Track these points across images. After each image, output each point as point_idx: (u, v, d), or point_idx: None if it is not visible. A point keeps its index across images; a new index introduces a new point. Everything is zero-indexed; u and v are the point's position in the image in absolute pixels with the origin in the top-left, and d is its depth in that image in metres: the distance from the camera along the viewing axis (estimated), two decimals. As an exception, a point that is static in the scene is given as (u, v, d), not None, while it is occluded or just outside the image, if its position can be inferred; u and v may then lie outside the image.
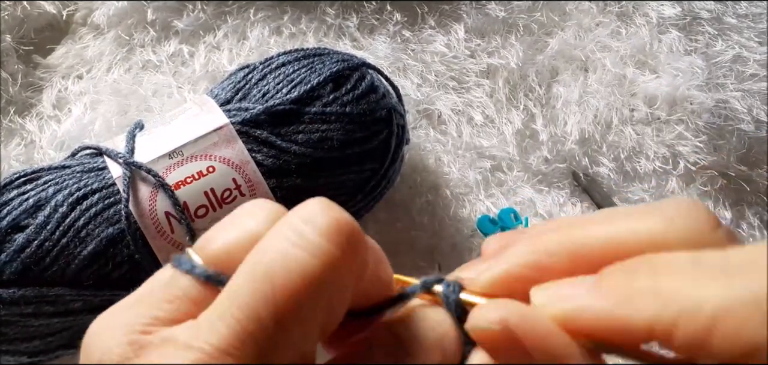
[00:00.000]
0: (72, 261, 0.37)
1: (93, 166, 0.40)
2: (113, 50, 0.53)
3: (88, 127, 0.50)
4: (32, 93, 0.52)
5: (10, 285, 0.36)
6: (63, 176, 0.39)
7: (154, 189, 0.38)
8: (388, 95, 0.44)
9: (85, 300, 0.38)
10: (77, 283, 0.38)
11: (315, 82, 0.41)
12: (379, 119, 0.43)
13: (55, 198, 0.38)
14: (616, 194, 0.50)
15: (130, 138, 0.40)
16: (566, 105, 0.51)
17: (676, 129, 0.50)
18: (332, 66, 0.42)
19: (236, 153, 0.40)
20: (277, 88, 0.41)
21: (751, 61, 0.53)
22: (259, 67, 0.43)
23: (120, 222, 0.38)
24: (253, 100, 0.41)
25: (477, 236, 0.48)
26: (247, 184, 0.40)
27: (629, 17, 0.55)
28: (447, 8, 0.55)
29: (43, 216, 0.37)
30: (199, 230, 0.39)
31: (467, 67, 0.53)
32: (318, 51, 0.44)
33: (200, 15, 0.54)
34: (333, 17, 0.54)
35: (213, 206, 0.39)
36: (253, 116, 0.40)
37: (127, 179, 0.38)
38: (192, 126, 0.40)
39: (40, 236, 0.37)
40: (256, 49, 0.53)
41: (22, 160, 0.49)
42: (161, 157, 0.39)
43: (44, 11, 0.54)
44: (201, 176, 0.39)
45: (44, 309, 0.37)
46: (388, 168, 0.44)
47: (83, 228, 0.38)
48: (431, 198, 0.49)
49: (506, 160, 0.50)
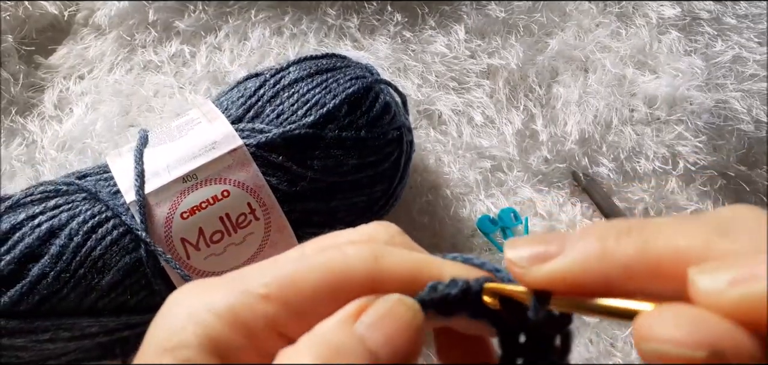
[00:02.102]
0: (90, 292, 0.37)
1: (104, 187, 0.39)
2: (115, 51, 0.53)
3: (90, 127, 0.50)
4: (34, 93, 0.52)
5: (26, 316, 0.36)
6: (75, 200, 0.38)
7: (169, 215, 0.38)
8: (398, 111, 0.44)
9: (101, 325, 0.37)
10: (95, 312, 0.37)
11: (331, 106, 0.40)
12: (391, 140, 0.42)
13: (70, 225, 0.37)
14: (615, 194, 0.50)
15: (138, 157, 0.39)
16: (566, 105, 0.52)
17: (675, 129, 0.50)
18: (347, 86, 0.41)
19: (251, 177, 0.39)
20: (292, 111, 0.40)
21: (751, 62, 0.53)
22: (270, 80, 0.42)
23: (136, 251, 0.37)
24: (267, 120, 0.40)
25: (477, 236, 0.48)
26: (262, 208, 0.39)
27: (629, 18, 0.55)
28: (447, 9, 0.55)
29: (59, 246, 0.36)
30: (214, 255, 0.39)
31: (467, 67, 0.53)
32: (331, 64, 0.43)
33: (201, 16, 0.54)
34: (334, 18, 0.54)
35: (228, 230, 0.38)
36: (268, 140, 0.39)
37: (142, 207, 0.37)
38: (203, 144, 0.39)
39: (56, 267, 0.36)
40: (257, 49, 0.53)
41: (24, 160, 0.49)
42: (175, 181, 0.38)
43: (46, 12, 0.54)
44: (216, 200, 0.38)
45: (61, 335, 0.37)
46: (397, 186, 0.44)
47: (100, 259, 0.37)
48: (431, 198, 0.49)
49: (506, 160, 0.50)
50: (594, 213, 0.49)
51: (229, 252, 0.39)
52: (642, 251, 0.18)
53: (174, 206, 0.38)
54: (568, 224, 0.48)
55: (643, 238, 0.18)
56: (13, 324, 0.36)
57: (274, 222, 0.39)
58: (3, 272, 0.36)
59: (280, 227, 0.40)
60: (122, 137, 0.49)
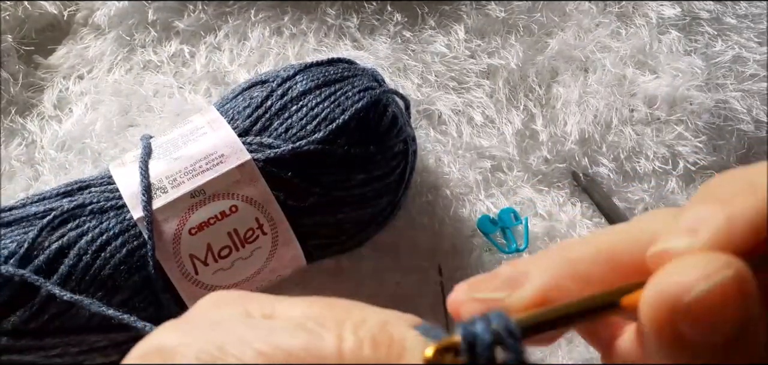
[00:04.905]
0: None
1: (109, 200, 0.38)
2: (114, 50, 0.53)
3: (89, 127, 0.50)
4: (33, 93, 0.52)
5: (36, 334, 0.36)
6: (81, 215, 0.38)
7: (178, 232, 0.37)
8: (404, 122, 0.43)
9: (110, 340, 0.37)
10: (104, 328, 0.37)
11: (340, 121, 0.39)
12: (398, 153, 0.42)
13: (79, 244, 0.37)
14: (615, 195, 0.50)
15: (143, 169, 0.38)
16: (566, 105, 0.51)
17: (675, 129, 0.50)
18: (356, 99, 0.40)
19: (259, 192, 0.38)
20: (301, 125, 0.40)
21: (751, 62, 0.53)
22: (278, 91, 0.41)
23: (145, 268, 0.37)
24: (275, 134, 0.40)
25: (477, 236, 0.48)
26: (269, 222, 0.39)
27: (629, 18, 0.55)
28: (447, 9, 0.55)
29: (68, 266, 0.36)
30: (222, 270, 0.39)
31: (467, 67, 0.53)
32: (338, 74, 0.42)
33: (201, 15, 0.54)
34: (333, 18, 0.54)
35: (236, 246, 0.38)
36: (277, 156, 0.39)
37: (150, 223, 0.37)
38: (210, 156, 0.39)
39: (66, 287, 0.36)
40: (257, 49, 0.53)
41: (23, 160, 0.49)
42: (183, 196, 0.38)
43: (45, 11, 0.54)
44: (224, 216, 0.38)
45: (70, 350, 0.37)
46: (401, 196, 0.44)
47: (109, 278, 0.36)
48: (431, 198, 0.49)
49: (506, 160, 0.50)
50: (594, 213, 0.49)
51: (236, 266, 0.39)
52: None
53: (182, 223, 0.37)
54: (568, 224, 0.48)
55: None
56: (23, 342, 0.36)
57: (281, 236, 0.39)
58: (12, 293, 0.35)
59: (287, 240, 0.40)
60: (122, 137, 0.49)
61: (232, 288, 0.40)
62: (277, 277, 0.42)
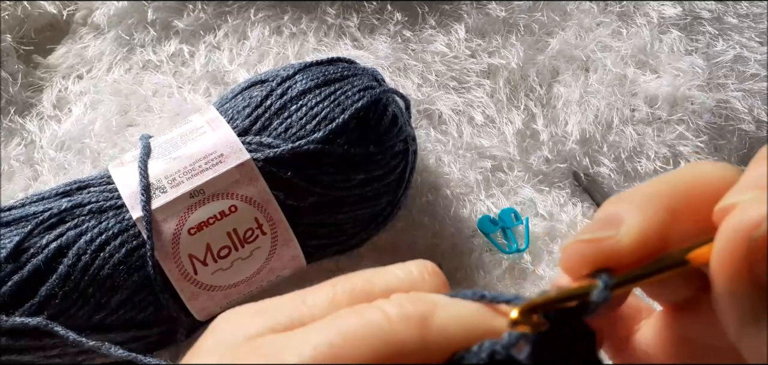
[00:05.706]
0: (99, 310, 0.37)
1: (108, 200, 0.38)
2: (113, 50, 0.53)
3: (89, 127, 0.50)
4: (32, 93, 0.52)
5: (35, 334, 0.36)
6: (80, 215, 0.38)
7: (177, 232, 0.37)
8: (404, 122, 0.43)
9: (110, 340, 0.37)
10: (103, 328, 0.37)
11: (340, 121, 0.39)
12: (397, 152, 0.42)
13: (78, 244, 0.36)
14: (616, 195, 0.50)
15: (142, 169, 0.38)
16: (567, 105, 0.51)
17: (676, 129, 0.50)
18: (355, 98, 0.40)
19: (258, 191, 0.38)
20: (300, 125, 0.39)
21: (752, 61, 0.53)
22: (277, 90, 0.41)
23: (144, 268, 0.37)
24: (275, 134, 0.40)
25: (477, 236, 0.48)
26: (269, 222, 0.39)
27: (630, 17, 0.55)
28: (447, 8, 0.55)
29: (67, 266, 0.36)
30: (221, 270, 0.39)
31: (468, 67, 0.53)
32: (338, 73, 0.42)
33: (200, 15, 0.54)
34: (333, 17, 0.54)
35: (235, 246, 0.38)
36: (277, 156, 0.39)
37: (149, 223, 0.37)
38: (209, 156, 0.39)
39: (65, 287, 0.36)
40: (257, 49, 0.53)
41: (22, 160, 0.49)
42: (182, 196, 0.37)
43: (44, 11, 0.54)
44: (223, 216, 0.38)
45: (68, 350, 0.37)
46: (401, 196, 0.44)
47: (108, 278, 0.36)
48: (431, 198, 0.48)
49: (507, 160, 0.50)
50: (595, 213, 0.49)
51: (235, 266, 0.39)
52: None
53: (181, 222, 0.37)
54: (568, 224, 0.48)
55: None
56: (22, 342, 0.36)
57: (280, 236, 0.39)
58: (12, 293, 0.35)
59: (287, 240, 0.40)
60: (121, 137, 0.49)
61: (231, 288, 0.40)
62: (277, 277, 0.41)
